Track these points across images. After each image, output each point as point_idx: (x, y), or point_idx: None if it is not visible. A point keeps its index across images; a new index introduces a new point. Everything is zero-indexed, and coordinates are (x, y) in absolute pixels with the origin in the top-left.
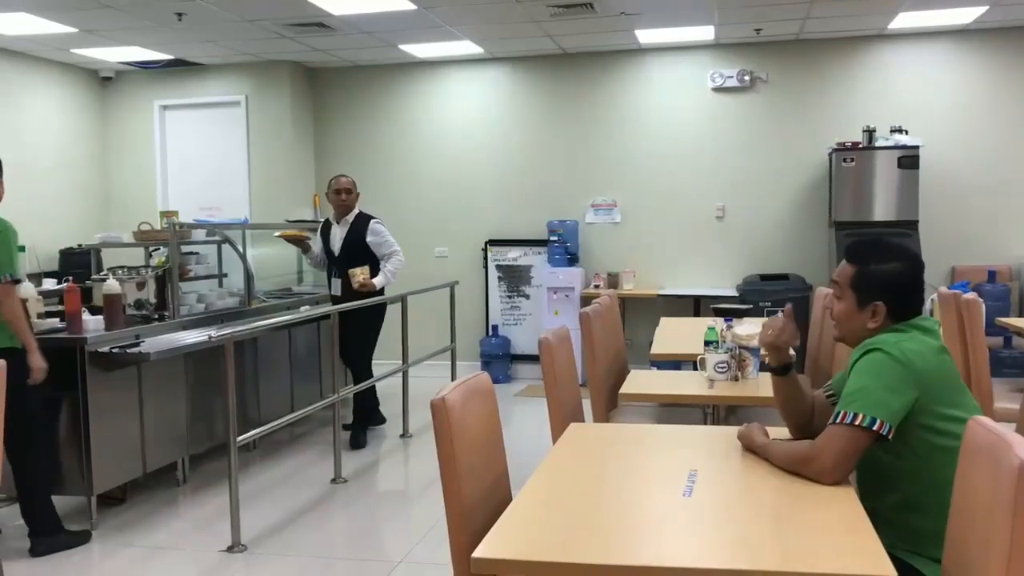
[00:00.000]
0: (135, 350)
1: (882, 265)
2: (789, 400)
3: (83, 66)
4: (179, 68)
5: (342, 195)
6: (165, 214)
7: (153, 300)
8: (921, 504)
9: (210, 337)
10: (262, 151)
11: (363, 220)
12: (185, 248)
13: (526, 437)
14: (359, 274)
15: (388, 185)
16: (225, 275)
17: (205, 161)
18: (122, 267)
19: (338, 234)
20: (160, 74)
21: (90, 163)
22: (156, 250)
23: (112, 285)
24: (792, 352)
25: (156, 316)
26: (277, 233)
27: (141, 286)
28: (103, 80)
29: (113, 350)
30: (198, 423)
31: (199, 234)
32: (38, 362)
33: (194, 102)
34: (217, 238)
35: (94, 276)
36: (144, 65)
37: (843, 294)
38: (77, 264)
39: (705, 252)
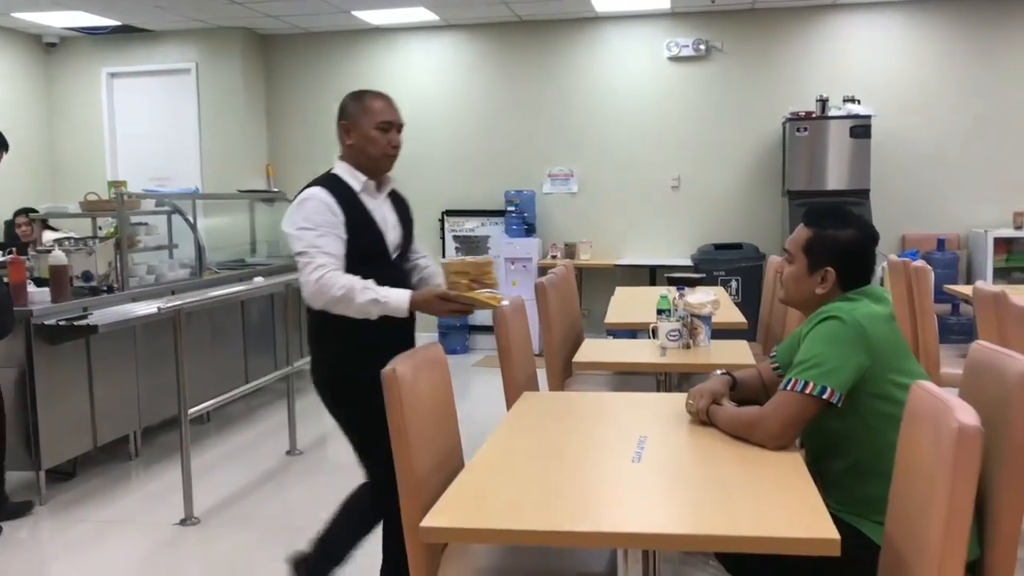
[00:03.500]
0: (83, 322)
1: (837, 232)
2: (745, 401)
3: (26, 31)
4: (126, 35)
5: (393, 133)
6: (113, 184)
7: (101, 272)
8: (868, 469)
9: (159, 309)
10: (213, 120)
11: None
12: (134, 219)
13: (482, 408)
14: (490, 270)
15: None
16: (176, 246)
17: (155, 130)
18: (68, 238)
19: (386, 212)
20: (107, 40)
21: (35, 132)
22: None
23: (58, 256)
24: (729, 380)
25: (105, 288)
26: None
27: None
28: (47, 46)
29: (60, 323)
30: (150, 396)
31: (148, 204)
32: None
33: (143, 69)
34: (167, 208)
35: (39, 247)
36: (90, 31)
37: (795, 258)
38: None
39: (661, 222)
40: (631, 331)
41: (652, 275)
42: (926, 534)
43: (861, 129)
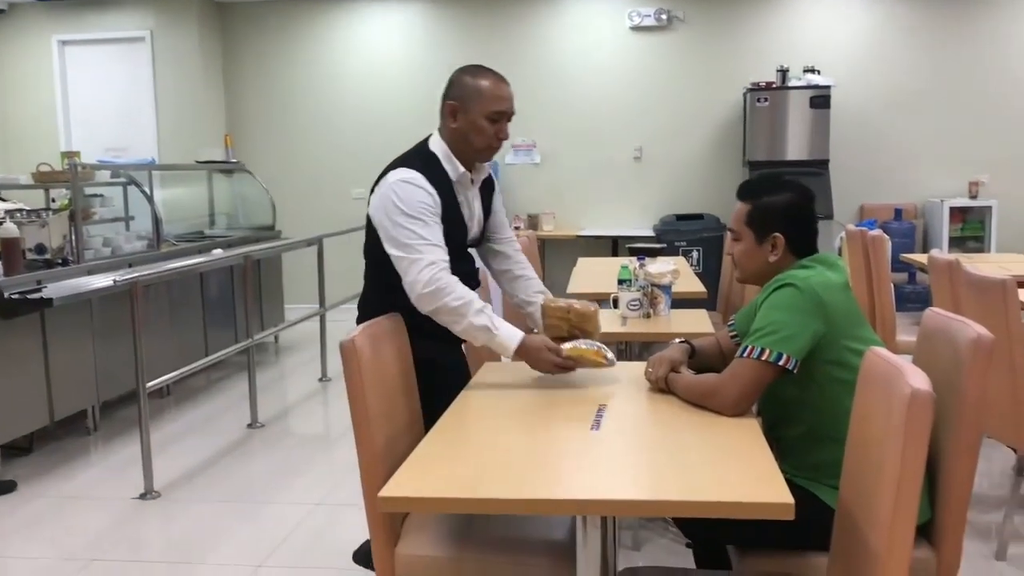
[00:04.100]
0: (37, 296)
1: (773, 197)
2: (704, 368)
3: None
4: (78, 1)
5: (503, 123)
6: (66, 155)
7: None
8: (823, 435)
9: (115, 281)
10: (169, 89)
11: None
12: (89, 190)
13: None
14: (595, 319)
15: (303, 125)
16: (132, 218)
17: (109, 100)
18: (20, 209)
19: (475, 205)
20: (57, 7)
21: None
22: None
23: (9, 228)
24: (688, 348)
25: (59, 261)
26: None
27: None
28: None
29: (13, 296)
30: (108, 370)
31: (103, 175)
32: None
33: (95, 37)
34: (123, 180)
35: None
36: None
37: (741, 234)
38: None
39: (624, 193)
40: (593, 301)
41: (614, 246)
42: (878, 497)
43: (821, 99)
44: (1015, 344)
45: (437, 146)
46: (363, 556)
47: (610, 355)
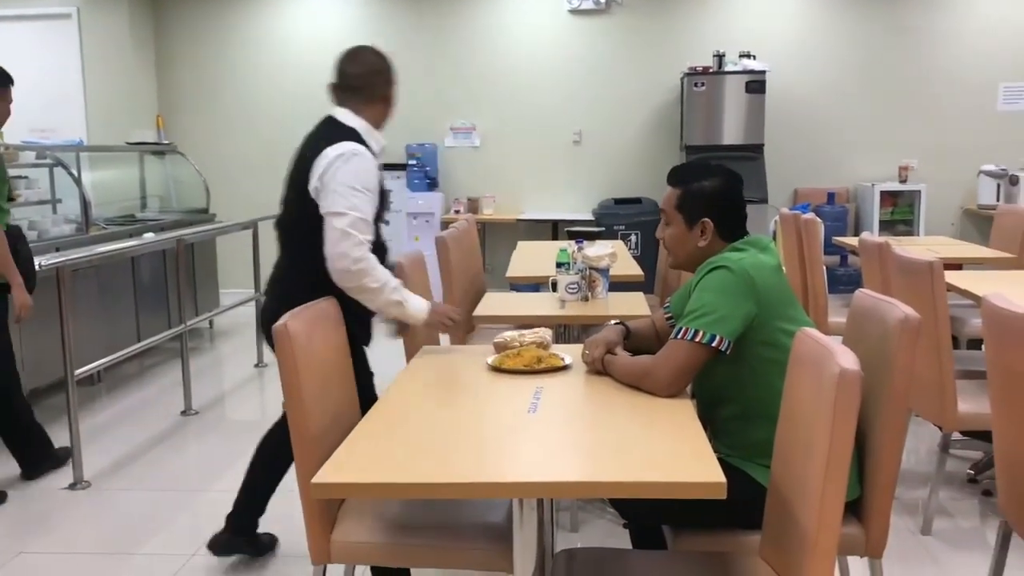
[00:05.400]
0: None
1: (703, 182)
2: (640, 350)
3: None
4: None
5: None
6: None
7: None
8: (755, 414)
9: (40, 265)
10: (98, 68)
11: None
12: (13, 172)
13: (384, 364)
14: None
15: (237, 107)
16: (59, 201)
17: (34, 79)
18: None
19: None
20: None
21: None
22: None
23: None
24: (623, 329)
25: None
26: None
27: None
28: None
29: None
30: (35, 357)
31: (28, 157)
32: (23, 298)
33: (18, 13)
34: (49, 161)
35: None
36: None
37: (671, 218)
38: None
39: (563, 177)
40: (535, 285)
41: (554, 229)
42: (808, 475)
43: (756, 84)
44: (941, 324)
45: (355, 122)
46: (220, 545)
47: (568, 359)
